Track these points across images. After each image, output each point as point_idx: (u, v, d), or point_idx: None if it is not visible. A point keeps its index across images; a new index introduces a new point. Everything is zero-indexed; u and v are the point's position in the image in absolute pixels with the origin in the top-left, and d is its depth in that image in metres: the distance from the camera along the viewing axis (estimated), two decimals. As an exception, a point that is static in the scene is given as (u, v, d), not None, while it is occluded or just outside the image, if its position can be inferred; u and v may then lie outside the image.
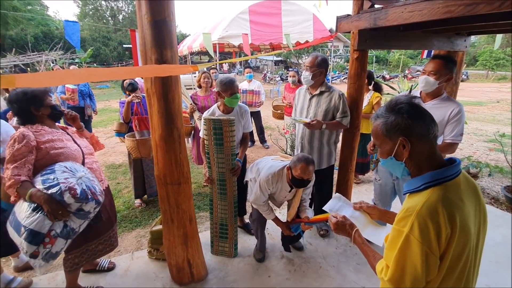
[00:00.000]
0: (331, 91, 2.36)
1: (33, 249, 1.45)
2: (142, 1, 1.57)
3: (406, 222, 0.86)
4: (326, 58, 2.37)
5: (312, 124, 2.22)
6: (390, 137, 0.94)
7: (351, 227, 1.17)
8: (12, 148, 1.52)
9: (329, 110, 2.34)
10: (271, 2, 8.28)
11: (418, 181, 0.91)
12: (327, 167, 2.52)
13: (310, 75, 2.28)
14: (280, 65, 26.76)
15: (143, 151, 2.81)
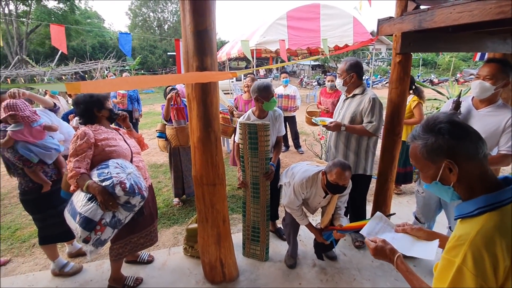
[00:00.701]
0: (364, 94, 2.29)
1: (86, 235, 1.62)
2: (187, 12, 1.69)
3: (458, 252, 0.78)
4: (357, 61, 2.32)
5: (330, 126, 2.21)
6: (433, 160, 0.86)
7: (392, 252, 1.06)
8: (75, 144, 1.72)
9: (357, 114, 2.27)
10: (309, 6, 8.24)
11: (471, 205, 0.82)
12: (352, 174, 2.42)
13: (341, 81, 2.31)
14: (317, 70, 26.33)
15: (182, 138, 3.00)
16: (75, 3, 22.31)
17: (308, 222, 2.10)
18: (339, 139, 2.38)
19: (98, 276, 2.25)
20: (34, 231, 2.89)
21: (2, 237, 2.86)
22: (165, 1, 34.62)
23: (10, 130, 1.92)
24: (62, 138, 2.32)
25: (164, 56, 27.29)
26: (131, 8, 34.53)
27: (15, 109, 1.93)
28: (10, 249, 2.68)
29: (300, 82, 19.51)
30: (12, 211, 3.38)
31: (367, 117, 2.23)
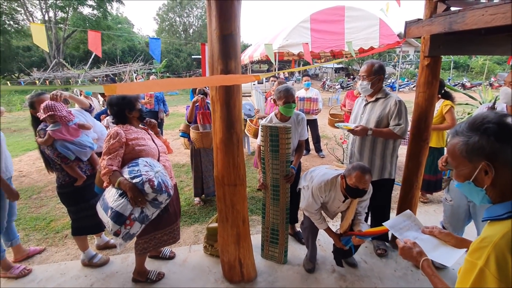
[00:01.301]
0: (387, 97, 2.24)
1: (116, 228, 1.72)
2: (213, 18, 1.75)
3: (480, 254, 0.76)
4: (382, 64, 2.28)
5: (356, 130, 2.14)
6: (470, 159, 0.84)
7: (420, 254, 1.06)
8: (108, 143, 1.84)
9: (383, 117, 2.21)
10: (334, 9, 8.15)
11: (501, 209, 0.80)
12: (378, 179, 2.36)
13: (369, 84, 2.23)
14: (340, 73, 25.85)
15: (206, 142, 3.10)
16: (107, 9, 23.60)
17: (326, 226, 2.07)
18: (364, 144, 2.32)
19: (123, 269, 2.37)
20: (66, 223, 3.09)
21: (38, 227, 3.08)
22: (190, 6, 35.69)
23: (50, 130, 2.08)
24: (95, 136, 2.47)
25: (189, 59, 28.09)
26: (159, 13, 35.96)
27: (53, 110, 2.08)
28: (45, 238, 2.89)
29: (323, 85, 19.26)
30: (47, 204, 3.64)
31: (394, 119, 2.18)
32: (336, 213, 2.17)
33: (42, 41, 2.80)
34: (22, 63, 20.70)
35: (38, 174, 4.73)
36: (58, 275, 2.32)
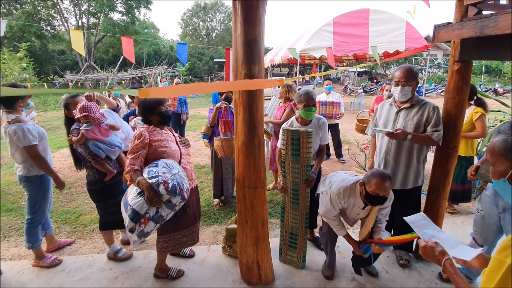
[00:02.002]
0: (423, 103, 2.19)
1: (132, 225, 1.80)
2: (238, 23, 1.79)
3: (509, 252, 0.76)
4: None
5: (397, 133, 2.06)
6: (507, 157, 0.89)
7: (442, 254, 1.08)
8: (132, 143, 1.93)
9: (421, 123, 2.15)
10: (358, 12, 8.02)
11: None
12: (412, 187, 2.28)
13: (410, 89, 2.15)
14: (363, 77, 25.27)
15: (227, 150, 3.13)
16: (135, 15, 24.69)
17: (345, 232, 2.04)
18: (400, 151, 2.24)
19: (145, 264, 2.46)
20: (94, 217, 3.26)
21: (68, 221, 3.27)
22: (214, 11, 36.49)
23: (83, 129, 2.22)
24: (122, 136, 2.60)
25: (211, 62, 28.68)
26: (184, 18, 37.06)
27: (88, 111, 2.22)
28: (74, 231, 3.06)
29: (344, 89, 18.91)
30: (77, 199, 3.85)
31: (432, 126, 2.12)
32: (355, 220, 2.13)
33: (79, 46, 3.01)
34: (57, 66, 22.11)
35: (69, 170, 5.02)
36: (85, 266, 2.45)
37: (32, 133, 2.21)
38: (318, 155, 2.43)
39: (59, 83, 16.86)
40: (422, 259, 2.46)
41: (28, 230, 2.41)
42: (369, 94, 18.02)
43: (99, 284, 2.23)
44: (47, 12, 22.94)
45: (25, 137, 2.17)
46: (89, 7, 22.93)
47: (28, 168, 2.31)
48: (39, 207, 2.41)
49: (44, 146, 2.39)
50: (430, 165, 2.47)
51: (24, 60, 11.51)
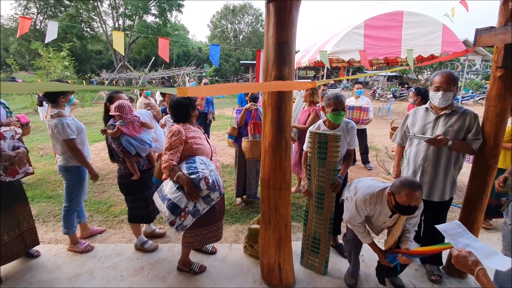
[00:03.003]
0: (463, 110, 2.09)
1: (172, 218, 1.87)
2: (271, 26, 1.81)
3: None
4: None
5: (439, 139, 1.97)
6: None
7: (475, 263, 1.04)
8: (170, 139, 2.01)
9: (462, 131, 2.05)
10: (391, 14, 7.75)
11: None
12: (449, 199, 2.17)
13: (451, 95, 2.06)
14: (393, 81, 24.32)
15: (255, 152, 3.14)
16: (168, 17, 25.69)
17: (371, 240, 1.97)
18: (439, 159, 2.14)
19: (169, 257, 2.54)
20: (123, 209, 3.43)
21: (100, 211, 3.47)
22: (242, 14, 37.00)
23: (119, 124, 2.36)
24: (154, 136, 2.72)
25: (237, 64, 29.07)
26: (213, 20, 37.94)
27: (122, 111, 2.35)
28: (105, 221, 3.24)
29: (373, 93, 18.30)
30: (108, 190, 4.07)
31: (473, 134, 2.03)
32: (381, 228, 2.05)
33: (120, 46, 3.22)
34: (94, 65, 23.56)
35: (102, 163, 5.32)
36: (114, 254, 2.58)
37: (70, 128, 2.37)
38: (345, 160, 2.39)
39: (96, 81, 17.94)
40: (454, 274, 2.32)
41: (65, 216, 2.59)
42: (399, 99, 17.31)
43: (127, 273, 2.35)
44: (88, 14, 24.57)
45: (64, 131, 2.33)
46: (125, 10, 24.24)
47: (67, 159, 2.49)
48: (75, 195, 2.58)
49: (82, 139, 2.55)
50: (463, 176, 2.33)
51: (67, 59, 12.40)
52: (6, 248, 2.27)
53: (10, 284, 2.22)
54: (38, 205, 3.59)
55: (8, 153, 2.11)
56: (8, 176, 2.14)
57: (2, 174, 2.11)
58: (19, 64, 14.46)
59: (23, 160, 2.23)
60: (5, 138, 2.11)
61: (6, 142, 2.12)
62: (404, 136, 2.38)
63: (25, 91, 0.81)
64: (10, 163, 2.14)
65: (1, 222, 2.23)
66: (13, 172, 2.17)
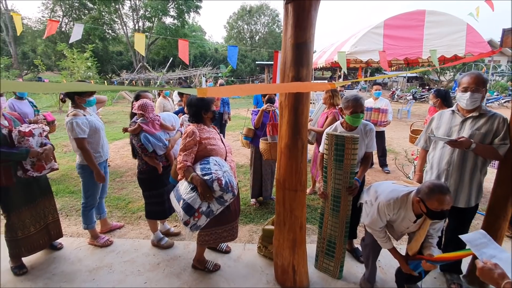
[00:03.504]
0: (491, 113, 1.99)
1: (187, 218, 1.90)
2: (289, 26, 1.81)
3: None
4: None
5: (460, 141, 1.89)
6: None
7: (502, 277, 0.99)
8: (185, 140, 2.05)
9: (489, 135, 1.96)
10: (412, 14, 7.52)
11: None
12: (475, 206, 2.09)
13: (480, 96, 1.98)
14: (413, 82, 23.58)
15: (274, 153, 3.12)
16: (185, 19, 26.18)
17: (392, 246, 1.92)
18: (465, 161, 2.06)
19: (185, 254, 2.59)
20: (141, 205, 3.52)
21: (119, 207, 3.58)
22: (258, 14, 37.08)
23: (139, 122, 2.43)
24: (173, 135, 2.77)
25: (253, 65, 29.16)
26: (229, 21, 38.26)
27: (144, 111, 2.42)
28: (123, 216, 3.34)
29: (392, 95, 17.81)
30: (127, 187, 4.20)
31: (500, 138, 1.94)
32: (403, 233, 1.99)
33: (141, 47, 3.32)
34: (115, 65, 24.33)
35: (121, 160, 5.49)
36: (132, 250, 2.66)
37: (80, 127, 2.39)
38: (363, 163, 2.34)
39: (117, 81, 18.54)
40: (475, 283, 2.22)
41: (83, 212, 2.69)
42: (419, 101, 16.76)
43: (144, 268, 2.41)
44: (110, 17, 25.45)
45: (73, 130, 2.38)
46: (145, 12, 24.90)
47: (82, 157, 2.55)
48: (91, 193, 2.66)
49: (97, 139, 2.58)
50: (486, 181, 2.23)
51: (89, 60, 12.87)
52: (32, 240, 2.39)
53: (35, 274, 2.33)
54: (62, 199, 3.75)
55: (36, 149, 2.21)
56: (35, 172, 2.25)
57: (30, 169, 2.22)
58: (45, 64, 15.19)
59: (50, 157, 2.34)
60: (33, 135, 2.22)
61: (34, 139, 2.23)
62: (428, 139, 2.30)
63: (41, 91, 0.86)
64: (38, 159, 2.25)
65: (29, 215, 2.35)
66: (40, 168, 2.27)
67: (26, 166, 2.21)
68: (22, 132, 2.15)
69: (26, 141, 2.16)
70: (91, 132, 2.52)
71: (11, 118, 2.29)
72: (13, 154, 2.11)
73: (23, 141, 2.15)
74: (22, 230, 2.32)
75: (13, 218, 2.27)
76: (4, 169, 2.15)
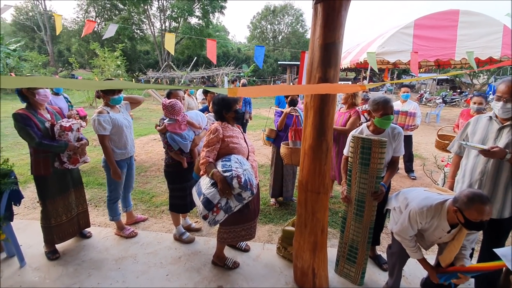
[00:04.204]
0: None
1: (205, 212, 1.95)
2: (318, 27, 1.79)
3: None
4: None
5: (493, 151, 1.78)
6: None
7: None
8: (208, 137, 2.10)
9: None
10: (445, 13, 7.16)
11: None
12: (509, 217, 1.95)
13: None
14: (444, 85, 22.44)
15: (295, 159, 3.08)
16: (210, 19, 26.62)
17: (422, 256, 1.83)
18: (500, 171, 1.93)
19: (205, 250, 2.64)
20: (164, 200, 3.63)
21: (143, 200, 3.71)
22: (282, 14, 36.92)
23: (166, 122, 2.51)
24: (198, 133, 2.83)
25: (275, 65, 29.09)
26: (253, 21, 38.39)
27: (171, 112, 2.48)
28: (147, 210, 3.46)
29: (420, 97, 17.06)
30: (151, 181, 4.34)
31: None
32: (433, 243, 1.89)
33: (170, 46, 3.43)
34: (142, 64, 25.25)
35: (146, 156, 5.69)
36: (155, 242, 2.75)
37: (101, 124, 2.47)
38: (390, 168, 2.26)
39: (143, 79, 19.24)
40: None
41: (108, 205, 2.82)
42: (449, 105, 15.92)
43: (166, 260, 2.48)
44: (139, 17, 26.42)
45: (95, 127, 2.48)
46: (172, 12, 25.61)
47: None
48: (114, 187, 2.77)
49: (120, 136, 2.64)
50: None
51: (119, 59, 13.48)
52: (64, 228, 2.55)
53: (66, 259, 2.48)
54: (91, 190, 3.96)
55: (73, 144, 2.35)
56: (70, 164, 2.39)
57: (66, 161, 2.37)
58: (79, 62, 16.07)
59: (84, 151, 2.48)
60: (72, 130, 2.36)
61: (72, 133, 2.37)
62: (462, 145, 2.18)
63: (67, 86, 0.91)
64: (74, 153, 2.39)
65: (62, 204, 2.50)
66: (75, 161, 2.41)
67: (63, 158, 2.36)
68: (63, 126, 2.30)
69: (66, 135, 2.31)
70: (115, 129, 2.58)
71: (53, 112, 2.45)
72: (54, 146, 2.26)
73: (62, 135, 2.30)
74: (55, 218, 2.47)
75: (48, 206, 2.42)
76: (43, 159, 2.31)
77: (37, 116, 2.28)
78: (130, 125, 2.80)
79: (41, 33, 26.41)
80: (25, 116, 2.20)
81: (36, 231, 2.65)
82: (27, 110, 2.26)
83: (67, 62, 23.09)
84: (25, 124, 2.17)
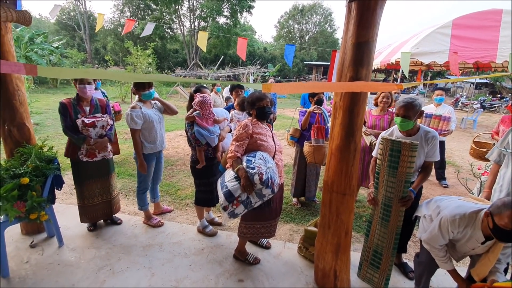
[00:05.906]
0: None
1: (226, 204, 2.00)
2: (351, 25, 1.76)
3: None
4: None
5: None
6: None
7: None
8: (238, 132, 2.15)
9: None
10: (486, 13, 6.69)
11: None
12: None
13: None
14: (482, 89, 20.97)
15: (317, 157, 3.07)
16: (238, 19, 26.93)
17: (452, 267, 1.75)
18: None
19: (227, 244, 2.70)
20: (189, 193, 3.75)
21: (169, 192, 3.86)
22: (310, 14, 36.42)
23: (195, 114, 2.59)
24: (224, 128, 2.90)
25: (300, 65, 28.81)
26: (280, 21, 38.27)
27: (202, 107, 2.56)
28: (173, 202, 3.60)
29: (455, 102, 16.08)
30: (177, 175, 4.50)
31: None
32: (466, 255, 1.80)
33: (203, 45, 3.56)
34: (171, 62, 26.12)
35: (172, 150, 5.90)
36: (180, 233, 2.85)
37: (133, 119, 2.61)
38: (422, 173, 2.16)
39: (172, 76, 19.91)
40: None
41: (137, 195, 2.97)
42: (488, 111, 14.86)
43: (189, 251, 2.57)
44: (170, 17, 27.34)
45: (128, 121, 2.64)
46: (201, 12, 26.23)
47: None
48: (143, 179, 2.91)
49: (151, 131, 2.76)
50: None
51: (151, 57, 14.05)
52: (96, 209, 2.79)
53: (99, 243, 2.65)
54: (122, 180, 4.18)
55: (89, 140, 2.53)
56: (86, 157, 2.58)
57: (84, 154, 2.56)
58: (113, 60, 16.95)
59: (103, 147, 2.64)
60: (95, 126, 2.53)
61: (95, 130, 2.55)
62: (502, 153, 2.05)
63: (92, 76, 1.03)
64: (91, 148, 2.57)
65: (94, 187, 2.73)
66: (91, 155, 2.60)
67: (82, 150, 2.56)
68: (85, 122, 2.49)
69: (86, 131, 2.51)
70: (145, 124, 2.71)
71: (96, 105, 2.65)
72: (74, 138, 2.50)
73: (84, 130, 2.50)
74: (88, 199, 2.72)
75: (82, 188, 2.68)
76: (72, 146, 2.59)
77: (76, 108, 2.49)
78: (161, 120, 2.92)
79: (80, 31, 28.18)
80: (63, 105, 2.48)
81: (74, 215, 2.86)
82: (71, 100, 2.52)
83: (103, 59, 24.44)
84: (60, 112, 2.48)
